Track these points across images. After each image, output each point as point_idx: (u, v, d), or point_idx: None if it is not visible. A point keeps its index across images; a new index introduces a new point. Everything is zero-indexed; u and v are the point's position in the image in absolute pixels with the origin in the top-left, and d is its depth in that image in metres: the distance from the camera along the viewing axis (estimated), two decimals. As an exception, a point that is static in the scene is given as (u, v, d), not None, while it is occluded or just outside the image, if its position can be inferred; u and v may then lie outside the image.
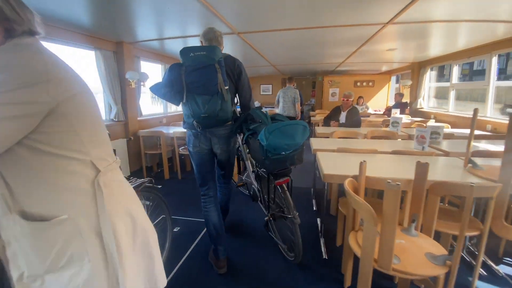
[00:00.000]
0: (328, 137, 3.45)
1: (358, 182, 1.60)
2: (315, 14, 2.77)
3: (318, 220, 2.72)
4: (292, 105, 5.52)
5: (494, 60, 3.89)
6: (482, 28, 3.24)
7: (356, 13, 2.73)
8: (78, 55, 3.48)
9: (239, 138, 2.16)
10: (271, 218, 2.06)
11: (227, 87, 1.64)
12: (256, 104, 10.14)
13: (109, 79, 3.66)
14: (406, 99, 6.60)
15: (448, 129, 3.99)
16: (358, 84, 8.25)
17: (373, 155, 2.34)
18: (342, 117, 4.25)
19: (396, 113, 5.40)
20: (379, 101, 8.17)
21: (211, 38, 1.83)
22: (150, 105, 5.41)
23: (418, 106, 6.02)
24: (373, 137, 3.46)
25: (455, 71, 4.83)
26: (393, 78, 8.17)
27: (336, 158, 2.21)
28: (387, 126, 4.15)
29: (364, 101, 7.56)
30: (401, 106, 6.38)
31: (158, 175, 4.40)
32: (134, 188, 1.12)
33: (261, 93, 10.77)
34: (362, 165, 1.56)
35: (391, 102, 8.40)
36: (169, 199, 2.25)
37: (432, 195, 1.53)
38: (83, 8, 2.45)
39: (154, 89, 1.66)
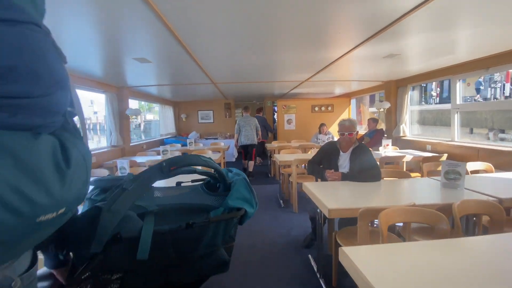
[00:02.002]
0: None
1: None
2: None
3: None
4: (254, 132, 5.60)
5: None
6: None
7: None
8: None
9: None
10: None
11: None
12: (194, 135, 7.92)
13: (112, 113, 4.62)
14: (380, 125, 5.45)
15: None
16: (316, 109, 6.97)
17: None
18: (344, 161, 2.48)
19: (388, 145, 4.00)
20: (341, 128, 7.00)
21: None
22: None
23: (401, 134, 4.83)
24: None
25: (458, 88, 3.72)
26: (353, 102, 7.20)
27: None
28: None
29: (327, 128, 6.21)
30: (377, 134, 5.15)
31: None
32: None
33: (200, 121, 8.65)
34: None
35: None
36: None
37: None
38: (96, 63, 3.25)
39: None
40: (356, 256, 1.03)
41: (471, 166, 2.81)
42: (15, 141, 0.38)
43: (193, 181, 0.94)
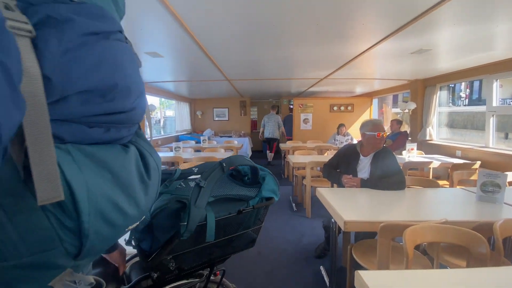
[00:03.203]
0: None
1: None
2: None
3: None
4: (277, 128, 6.47)
5: None
6: None
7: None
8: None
9: None
10: None
11: None
12: (208, 132, 7.88)
13: None
14: (403, 127, 5.09)
15: None
16: (335, 108, 6.67)
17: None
18: (364, 166, 2.26)
19: (412, 149, 3.70)
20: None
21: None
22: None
23: (427, 137, 4.48)
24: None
25: (495, 89, 3.35)
26: (375, 102, 6.82)
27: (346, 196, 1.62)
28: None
29: (346, 129, 5.91)
30: (401, 137, 4.82)
31: None
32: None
33: (215, 118, 8.60)
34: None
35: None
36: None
37: None
38: None
39: None
40: (375, 284, 0.85)
41: (509, 176, 2.49)
42: (112, 157, 0.40)
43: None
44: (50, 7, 0.33)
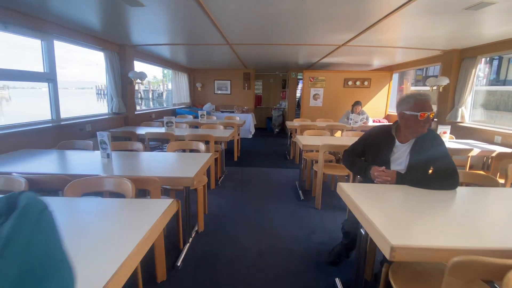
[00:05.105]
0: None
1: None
2: None
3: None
4: None
5: None
6: None
7: None
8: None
9: None
10: None
11: None
12: (209, 106, 7.29)
13: (112, 76, 3.98)
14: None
15: None
16: (350, 83, 5.97)
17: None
18: (401, 155, 1.72)
19: (445, 132, 3.12)
20: (377, 108, 6.01)
21: None
22: (95, 103, 5.12)
23: (458, 119, 3.87)
24: None
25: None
26: (395, 77, 6.09)
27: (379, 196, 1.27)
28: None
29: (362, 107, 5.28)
30: (426, 117, 4.21)
31: None
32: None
33: (216, 91, 7.96)
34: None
35: (393, 108, 6.31)
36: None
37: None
38: (94, 14, 2.74)
39: None
40: None
41: None
42: None
43: None
44: None
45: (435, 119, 4.36)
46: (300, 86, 8.17)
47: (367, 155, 1.85)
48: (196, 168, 1.80)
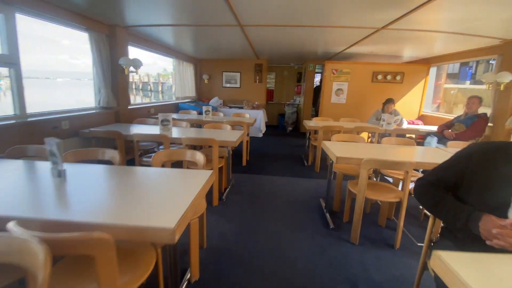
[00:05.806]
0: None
1: None
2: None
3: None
4: None
5: None
6: None
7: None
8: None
9: None
10: None
11: None
12: (215, 101, 6.59)
13: (100, 63, 3.30)
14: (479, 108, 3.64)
15: None
16: (379, 77, 5.14)
17: None
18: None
19: None
20: (409, 107, 5.17)
21: None
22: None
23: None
24: None
25: None
26: (432, 71, 5.22)
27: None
28: None
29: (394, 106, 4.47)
30: (479, 122, 3.44)
31: None
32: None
33: (224, 84, 7.24)
34: None
35: (428, 108, 5.47)
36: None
37: None
38: None
39: None
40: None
41: None
42: None
43: None
44: None
45: (489, 123, 3.55)
46: (316, 79, 7.36)
47: (465, 190, 1.11)
48: (184, 206, 1.10)
